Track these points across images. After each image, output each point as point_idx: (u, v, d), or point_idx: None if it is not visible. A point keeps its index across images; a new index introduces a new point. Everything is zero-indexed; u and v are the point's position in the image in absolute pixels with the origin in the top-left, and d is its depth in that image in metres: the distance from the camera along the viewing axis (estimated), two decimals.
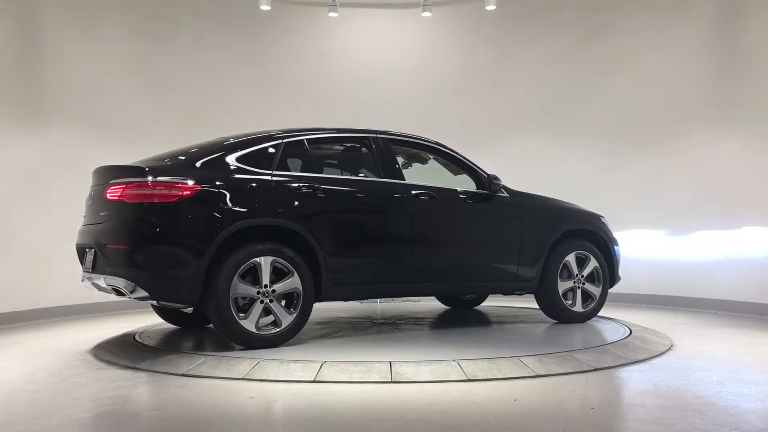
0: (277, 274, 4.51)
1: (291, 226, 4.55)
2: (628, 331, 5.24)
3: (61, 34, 7.23)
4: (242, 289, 4.38)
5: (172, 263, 4.30)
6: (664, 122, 7.76)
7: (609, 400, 3.52)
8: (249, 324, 4.39)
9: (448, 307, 6.93)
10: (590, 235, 5.83)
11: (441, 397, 3.48)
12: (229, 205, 4.40)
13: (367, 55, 8.83)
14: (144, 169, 4.41)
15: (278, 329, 4.49)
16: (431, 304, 7.21)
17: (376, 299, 7.54)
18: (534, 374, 3.91)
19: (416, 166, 5.86)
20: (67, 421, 3.11)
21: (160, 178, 4.33)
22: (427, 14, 8.50)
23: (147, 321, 6.07)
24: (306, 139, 4.98)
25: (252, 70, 8.52)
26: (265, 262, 4.43)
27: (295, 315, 4.54)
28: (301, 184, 4.68)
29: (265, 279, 4.43)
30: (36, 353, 4.90)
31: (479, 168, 5.52)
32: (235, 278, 4.34)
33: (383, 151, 5.16)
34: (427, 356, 4.19)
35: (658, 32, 7.86)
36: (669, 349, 4.81)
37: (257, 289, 4.43)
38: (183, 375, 3.98)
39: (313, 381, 3.79)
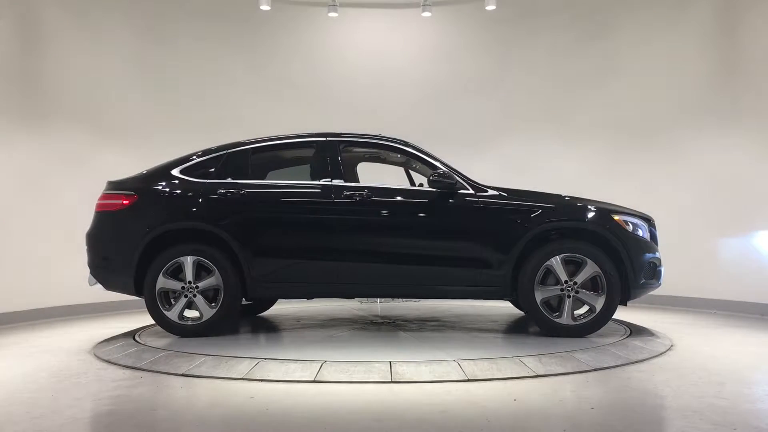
0: (208, 273, 5.02)
1: (209, 228, 5.03)
2: (628, 331, 5.24)
3: (62, 34, 7.23)
4: (167, 284, 5.01)
5: (112, 261, 5.18)
6: (664, 121, 7.77)
7: (609, 400, 3.51)
8: (172, 314, 5.03)
9: (522, 313, 6.34)
10: (592, 236, 4.98)
11: (441, 397, 3.48)
12: (156, 211, 5.12)
13: (367, 55, 8.83)
14: (109, 182, 5.32)
15: (199, 321, 5.03)
16: (431, 304, 7.21)
17: (375, 300, 7.54)
18: (534, 374, 3.91)
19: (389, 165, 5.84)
20: (67, 421, 3.12)
21: (110, 191, 5.24)
22: (427, 14, 8.50)
23: (147, 321, 6.05)
24: (251, 149, 5.35)
25: (252, 70, 8.53)
26: (187, 261, 4.99)
27: (215, 309, 5.00)
28: (225, 190, 5.08)
29: (189, 276, 5.00)
30: (36, 353, 4.90)
31: (442, 163, 5.19)
32: (161, 275, 4.99)
33: (330, 154, 5.22)
34: (427, 356, 4.20)
35: (659, 32, 7.87)
36: (669, 349, 4.81)
37: (182, 285, 5.00)
38: (183, 375, 3.99)
39: (313, 381, 3.79)
